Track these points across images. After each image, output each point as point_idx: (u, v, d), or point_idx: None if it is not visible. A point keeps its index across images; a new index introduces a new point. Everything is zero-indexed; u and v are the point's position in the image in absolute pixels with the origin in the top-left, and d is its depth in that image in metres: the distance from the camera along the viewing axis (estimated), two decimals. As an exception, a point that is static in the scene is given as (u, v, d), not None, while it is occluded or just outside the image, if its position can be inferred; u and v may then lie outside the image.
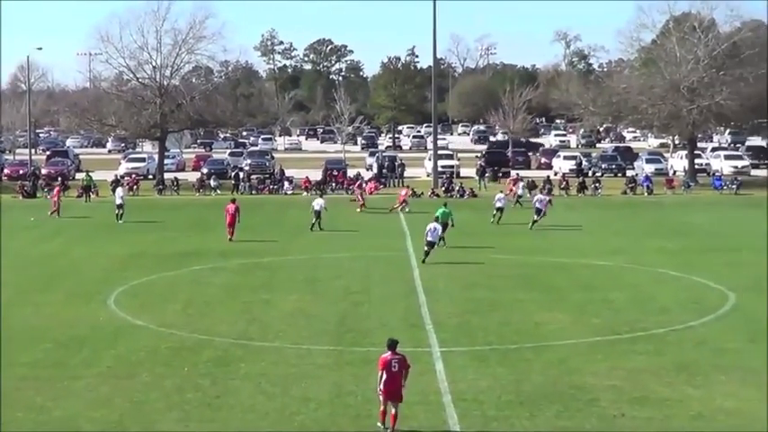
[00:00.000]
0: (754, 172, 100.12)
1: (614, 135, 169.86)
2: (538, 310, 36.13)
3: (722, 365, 28.62)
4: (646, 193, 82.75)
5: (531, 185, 78.46)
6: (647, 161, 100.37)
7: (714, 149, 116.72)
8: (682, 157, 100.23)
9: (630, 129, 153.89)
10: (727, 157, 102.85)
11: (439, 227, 47.74)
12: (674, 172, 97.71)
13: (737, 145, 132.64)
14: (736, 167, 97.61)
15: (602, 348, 30.73)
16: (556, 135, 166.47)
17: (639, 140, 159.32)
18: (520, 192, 73.20)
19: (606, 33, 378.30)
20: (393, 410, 23.08)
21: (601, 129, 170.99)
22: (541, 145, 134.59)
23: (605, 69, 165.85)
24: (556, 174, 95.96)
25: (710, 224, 63.25)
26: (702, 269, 44.69)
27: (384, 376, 23.07)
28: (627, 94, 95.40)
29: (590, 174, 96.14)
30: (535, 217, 59.27)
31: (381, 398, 23.20)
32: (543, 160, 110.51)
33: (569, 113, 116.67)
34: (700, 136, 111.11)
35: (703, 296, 39.06)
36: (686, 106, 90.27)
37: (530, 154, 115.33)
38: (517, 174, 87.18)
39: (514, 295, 39.03)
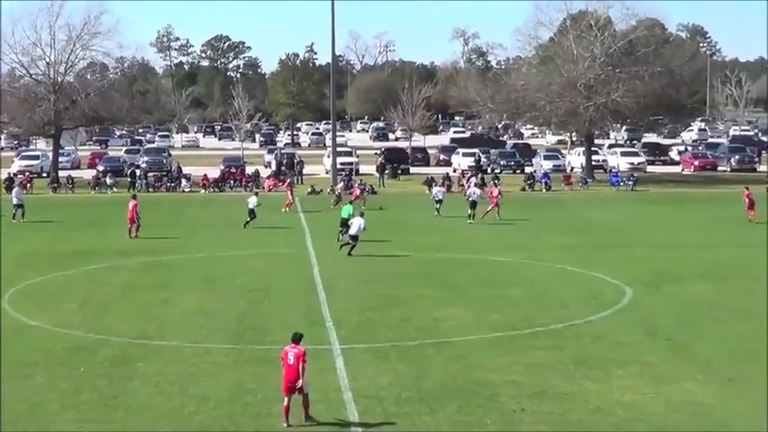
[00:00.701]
0: (649, 168, 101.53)
1: (513, 132, 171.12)
2: (438, 307, 36.18)
3: (620, 359, 28.91)
4: (544, 190, 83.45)
5: (482, 183, 77.64)
6: (546, 158, 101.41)
7: (611, 146, 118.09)
8: (579, 154, 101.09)
9: (529, 125, 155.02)
10: (624, 154, 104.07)
11: (362, 221, 47.80)
12: (572, 168, 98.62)
13: (633, 142, 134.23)
14: (632, 164, 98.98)
15: (502, 344, 30.89)
16: (455, 132, 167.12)
17: (538, 137, 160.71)
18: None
19: (504, 31, 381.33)
20: (302, 400, 23.21)
21: (499, 125, 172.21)
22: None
23: (503, 67, 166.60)
24: (455, 170, 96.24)
25: (607, 220, 63.94)
26: (600, 264, 45.16)
27: (283, 368, 23.29)
28: (525, 91, 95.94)
29: (489, 170, 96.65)
30: (469, 210, 60.64)
31: (283, 393, 23.25)
32: (442, 157, 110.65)
33: (468, 110, 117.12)
34: (597, 133, 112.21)
35: (601, 291, 39.46)
36: (583, 103, 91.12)
37: (428, 150, 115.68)
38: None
39: (414, 292, 39.04)
